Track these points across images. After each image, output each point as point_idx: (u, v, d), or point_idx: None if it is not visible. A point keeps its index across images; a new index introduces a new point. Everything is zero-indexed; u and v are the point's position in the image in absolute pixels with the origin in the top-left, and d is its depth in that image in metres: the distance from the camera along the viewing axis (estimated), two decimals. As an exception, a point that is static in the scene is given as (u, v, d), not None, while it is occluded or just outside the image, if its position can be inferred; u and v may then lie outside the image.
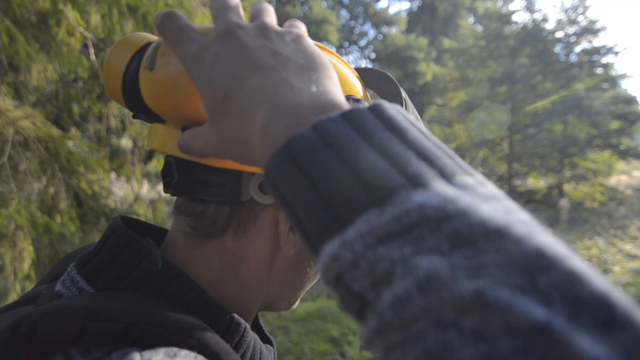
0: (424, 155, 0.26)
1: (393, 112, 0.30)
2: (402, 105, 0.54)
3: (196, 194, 0.48)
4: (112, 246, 0.48)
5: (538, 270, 0.20)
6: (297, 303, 0.59)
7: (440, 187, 0.24)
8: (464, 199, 0.23)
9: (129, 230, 0.49)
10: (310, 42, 0.39)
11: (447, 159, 0.27)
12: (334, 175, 0.26)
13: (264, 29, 0.39)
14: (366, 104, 0.30)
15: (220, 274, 0.51)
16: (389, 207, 0.23)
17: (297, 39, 0.38)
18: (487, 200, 0.24)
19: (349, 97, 0.46)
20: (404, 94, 0.55)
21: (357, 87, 0.52)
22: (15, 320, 0.38)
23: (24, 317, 0.38)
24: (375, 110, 0.29)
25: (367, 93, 0.57)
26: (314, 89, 0.32)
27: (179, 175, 0.49)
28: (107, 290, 0.46)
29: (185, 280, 0.47)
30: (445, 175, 0.25)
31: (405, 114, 0.30)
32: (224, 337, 0.48)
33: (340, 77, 0.47)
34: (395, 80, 0.56)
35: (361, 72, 0.58)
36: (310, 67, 0.35)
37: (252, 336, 0.52)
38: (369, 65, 0.66)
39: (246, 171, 0.47)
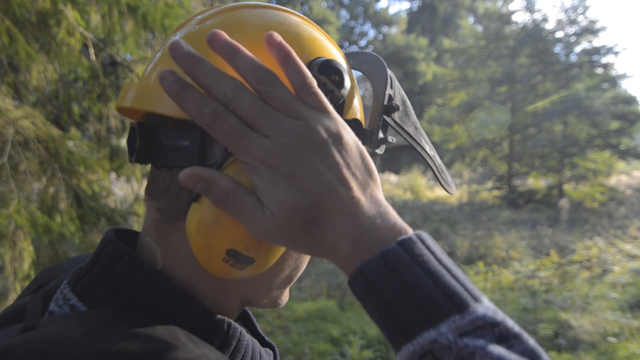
0: (461, 278, 0.41)
1: (432, 243, 0.43)
2: (387, 85, 0.53)
3: (159, 159, 0.46)
4: (103, 261, 0.47)
5: (537, 356, 0.38)
6: (283, 299, 0.55)
7: (486, 302, 0.40)
8: (500, 312, 0.39)
9: (121, 244, 0.47)
10: (366, 155, 0.44)
11: (468, 281, 0.41)
12: (425, 286, 0.38)
13: (343, 143, 0.42)
14: (423, 234, 0.42)
15: (193, 266, 0.47)
16: (465, 315, 0.38)
17: (362, 154, 0.44)
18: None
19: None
20: (389, 73, 0.54)
21: (334, 54, 0.51)
22: (2, 348, 0.37)
23: (11, 346, 0.37)
24: (422, 238, 0.42)
25: (353, 75, 0.56)
26: (378, 209, 0.42)
27: (141, 140, 0.46)
28: (98, 307, 0.45)
29: (180, 295, 0.45)
30: (479, 295, 0.40)
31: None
32: (221, 346, 0.48)
33: (317, 45, 0.49)
34: (383, 60, 0.54)
35: (349, 56, 0.57)
36: (369, 183, 0.43)
37: (248, 340, 0.51)
38: None
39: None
